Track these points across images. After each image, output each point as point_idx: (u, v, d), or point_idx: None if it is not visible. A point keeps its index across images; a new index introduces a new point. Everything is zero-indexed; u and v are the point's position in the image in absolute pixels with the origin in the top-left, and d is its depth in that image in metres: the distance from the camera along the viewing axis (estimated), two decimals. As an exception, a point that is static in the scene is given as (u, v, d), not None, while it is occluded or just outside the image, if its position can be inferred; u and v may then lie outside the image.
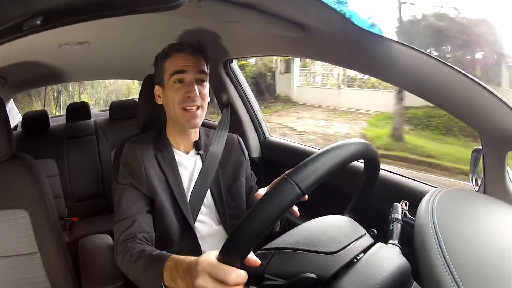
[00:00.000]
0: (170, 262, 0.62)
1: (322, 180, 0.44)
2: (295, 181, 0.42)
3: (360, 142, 0.52)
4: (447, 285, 0.36)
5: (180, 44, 0.87)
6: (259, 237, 0.42)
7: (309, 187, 0.43)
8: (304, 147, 1.32)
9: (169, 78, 0.85)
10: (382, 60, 0.72)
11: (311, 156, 0.45)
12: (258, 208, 0.42)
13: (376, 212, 0.67)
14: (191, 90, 0.83)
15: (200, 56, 0.87)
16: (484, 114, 0.65)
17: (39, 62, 1.45)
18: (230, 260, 0.45)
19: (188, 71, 0.84)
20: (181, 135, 0.91)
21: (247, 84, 1.45)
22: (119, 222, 0.82)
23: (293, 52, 1.18)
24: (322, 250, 0.48)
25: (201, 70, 0.86)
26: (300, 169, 0.44)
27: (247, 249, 0.44)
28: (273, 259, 0.48)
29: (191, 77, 0.84)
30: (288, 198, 0.42)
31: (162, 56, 0.88)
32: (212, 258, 0.47)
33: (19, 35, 0.45)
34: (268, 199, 0.42)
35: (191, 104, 0.83)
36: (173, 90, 0.85)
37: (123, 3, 0.49)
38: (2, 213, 0.89)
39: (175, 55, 0.86)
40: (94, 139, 2.01)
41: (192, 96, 0.83)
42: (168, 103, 0.87)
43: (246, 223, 0.43)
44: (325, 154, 0.46)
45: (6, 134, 0.90)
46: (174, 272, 0.59)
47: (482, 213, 0.51)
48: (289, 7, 0.73)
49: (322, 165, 0.44)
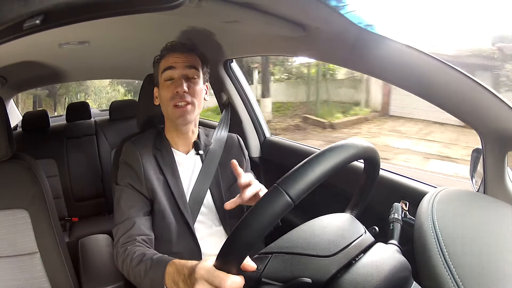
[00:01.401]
0: (171, 266, 0.63)
1: (314, 186, 0.43)
2: (285, 190, 0.42)
3: (353, 143, 0.50)
4: (447, 285, 0.36)
5: (173, 44, 0.89)
6: (252, 245, 0.43)
7: (300, 195, 0.43)
8: (304, 147, 1.32)
9: (161, 77, 0.87)
10: (382, 60, 0.72)
11: (302, 162, 0.45)
12: (250, 217, 0.43)
13: (376, 212, 0.67)
14: (178, 85, 0.83)
15: (191, 53, 0.88)
16: (484, 114, 0.65)
17: (39, 62, 1.45)
18: (226, 267, 0.46)
19: (177, 67, 0.85)
20: (178, 135, 0.91)
21: (247, 84, 1.45)
22: (118, 225, 0.82)
23: (293, 52, 1.18)
24: (319, 253, 0.48)
25: (190, 65, 0.86)
26: (290, 177, 0.43)
27: (241, 256, 0.45)
28: (270, 263, 0.49)
29: (179, 73, 0.85)
30: (278, 208, 0.42)
31: (158, 57, 0.90)
32: (209, 265, 0.49)
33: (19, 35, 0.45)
34: (259, 209, 0.43)
35: (179, 100, 0.84)
36: (164, 87, 0.86)
37: (123, 3, 0.49)
38: (2, 213, 0.89)
39: (168, 54, 0.88)
40: (94, 139, 2.01)
41: (180, 91, 0.83)
42: (162, 102, 0.88)
43: (238, 232, 0.44)
44: (316, 159, 0.45)
45: (6, 134, 0.90)
46: (176, 276, 0.60)
47: (482, 213, 0.51)
48: (289, 7, 0.73)
49: (313, 171, 0.43)
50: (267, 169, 1.39)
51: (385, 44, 0.69)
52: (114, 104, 2.14)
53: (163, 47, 0.90)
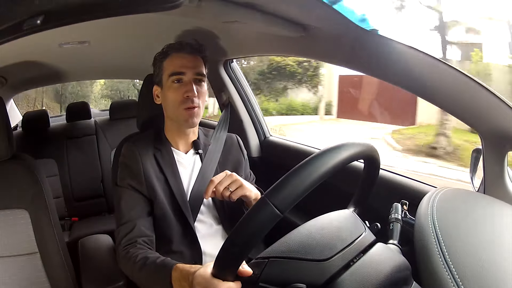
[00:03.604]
0: (176, 271, 0.65)
1: (303, 196, 0.44)
2: (273, 202, 0.43)
3: (343, 147, 0.49)
4: (447, 285, 0.36)
5: (179, 44, 0.87)
6: (244, 254, 0.45)
7: (287, 206, 0.43)
8: (304, 147, 1.31)
9: (168, 78, 0.86)
10: (382, 60, 0.72)
11: (290, 171, 0.45)
12: (239, 228, 0.45)
13: (376, 212, 0.67)
14: (189, 90, 0.83)
15: (199, 55, 0.87)
16: (484, 114, 0.65)
17: (39, 62, 1.45)
18: (222, 274, 0.49)
19: (187, 72, 0.84)
20: (179, 134, 0.91)
21: (247, 84, 1.45)
22: (119, 227, 0.82)
23: (293, 52, 1.18)
24: (315, 257, 0.48)
25: (200, 72, 0.86)
26: (278, 188, 0.44)
27: (235, 264, 0.47)
28: (267, 268, 0.49)
29: (190, 78, 0.85)
30: (266, 220, 0.44)
31: (161, 56, 0.88)
32: (206, 273, 0.52)
33: (19, 35, 0.45)
34: (248, 221, 0.44)
35: (190, 105, 0.84)
36: (172, 90, 0.85)
37: (123, 3, 0.49)
38: (2, 213, 0.89)
39: (174, 54, 0.86)
40: (94, 139, 2.01)
41: (191, 96, 0.83)
42: (167, 103, 0.87)
43: (230, 241, 0.46)
44: (304, 168, 0.45)
45: (6, 134, 0.90)
46: (182, 281, 0.62)
47: (482, 213, 0.51)
48: (289, 7, 0.73)
49: (301, 181, 0.44)
50: (266, 169, 1.39)
51: (385, 44, 0.69)
52: (114, 104, 2.14)
53: (168, 46, 0.88)
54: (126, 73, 2.26)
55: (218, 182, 0.77)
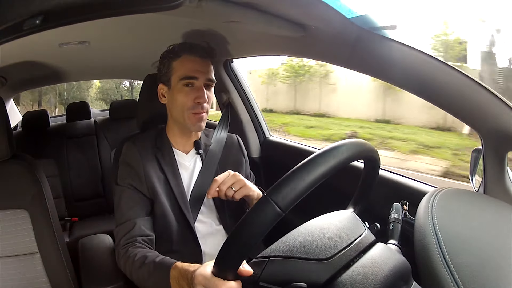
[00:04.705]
0: (175, 270, 0.64)
1: (305, 194, 0.44)
2: (274, 201, 0.43)
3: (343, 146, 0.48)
4: (447, 285, 0.36)
5: (192, 46, 0.86)
6: (245, 253, 0.45)
7: (289, 204, 0.43)
8: (304, 147, 1.31)
9: (178, 80, 0.84)
10: (382, 60, 0.72)
11: (291, 169, 0.45)
12: (240, 227, 0.45)
13: (376, 212, 0.67)
14: (201, 96, 0.83)
15: (210, 60, 0.87)
16: (484, 114, 0.65)
17: (39, 62, 1.45)
18: (223, 273, 0.48)
19: (199, 77, 0.84)
20: (182, 136, 0.91)
21: (247, 84, 1.45)
22: (119, 226, 0.82)
23: (293, 52, 1.18)
24: (315, 257, 0.48)
25: (211, 78, 0.86)
26: (279, 186, 0.44)
27: (236, 263, 0.47)
28: (267, 268, 0.49)
29: (201, 83, 0.84)
30: (268, 219, 0.43)
31: (171, 54, 0.86)
32: (207, 272, 0.51)
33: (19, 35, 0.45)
34: (249, 219, 0.44)
35: (200, 110, 0.84)
36: (183, 93, 0.84)
37: (123, 3, 0.49)
38: (2, 213, 0.89)
39: (185, 56, 0.85)
40: (94, 139, 2.01)
41: (202, 102, 0.84)
42: (175, 105, 0.86)
43: (231, 240, 0.46)
44: (306, 167, 0.45)
45: (6, 134, 0.90)
46: (181, 280, 0.61)
47: (482, 213, 0.51)
48: (290, 7, 0.73)
49: (302, 179, 0.44)
50: (267, 169, 1.39)
51: (385, 44, 0.69)
52: (114, 104, 2.14)
53: (180, 45, 0.87)
54: (126, 73, 2.26)
55: (222, 181, 0.77)
